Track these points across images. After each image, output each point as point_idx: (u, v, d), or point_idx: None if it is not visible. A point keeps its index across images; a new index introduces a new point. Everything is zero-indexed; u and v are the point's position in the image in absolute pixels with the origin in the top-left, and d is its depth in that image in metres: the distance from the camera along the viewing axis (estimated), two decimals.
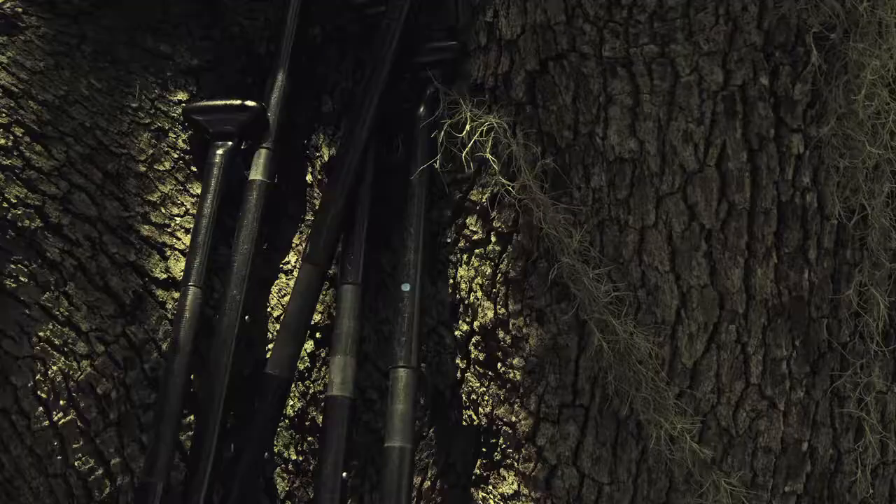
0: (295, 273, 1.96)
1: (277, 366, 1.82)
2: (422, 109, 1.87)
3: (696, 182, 1.66)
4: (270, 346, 1.92)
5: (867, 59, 1.60)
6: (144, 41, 2.03)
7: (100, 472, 1.87)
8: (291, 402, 1.93)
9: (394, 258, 1.90)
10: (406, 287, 1.79)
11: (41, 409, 1.85)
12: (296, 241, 2.01)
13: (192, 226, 1.95)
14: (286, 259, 2.00)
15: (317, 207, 1.98)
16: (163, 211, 1.94)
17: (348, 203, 1.87)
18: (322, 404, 1.89)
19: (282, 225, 2.03)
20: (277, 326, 1.93)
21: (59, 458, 1.87)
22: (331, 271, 1.91)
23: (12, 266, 1.81)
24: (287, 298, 1.93)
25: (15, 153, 1.82)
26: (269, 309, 1.97)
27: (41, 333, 1.83)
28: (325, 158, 2.02)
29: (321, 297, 1.92)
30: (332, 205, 1.85)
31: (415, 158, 1.85)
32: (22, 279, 1.82)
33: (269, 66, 2.06)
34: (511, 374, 1.80)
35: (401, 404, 1.73)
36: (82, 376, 1.85)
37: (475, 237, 1.83)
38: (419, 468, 1.88)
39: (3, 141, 1.81)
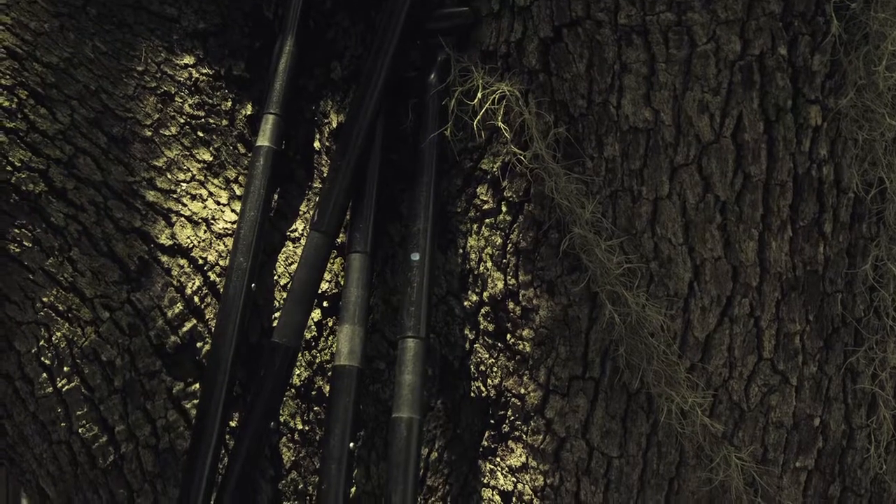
0: (302, 241, 1.94)
1: (284, 334, 1.80)
2: (433, 76, 1.84)
3: (711, 153, 1.64)
4: (277, 314, 1.90)
5: (888, 30, 1.57)
6: (150, 4, 2.00)
7: (104, 439, 1.86)
8: (298, 372, 1.91)
9: (403, 227, 1.88)
10: (415, 256, 1.77)
11: (45, 375, 1.84)
12: (303, 208, 1.99)
13: (198, 192, 1.93)
14: (294, 227, 1.98)
15: (325, 175, 1.95)
16: (168, 176, 1.91)
17: (357, 171, 1.84)
18: (329, 374, 1.88)
19: (289, 192, 2.01)
20: (284, 294, 1.91)
21: (62, 425, 1.85)
22: (339, 240, 1.89)
23: (16, 230, 1.80)
24: (294, 266, 1.92)
25: (19, 116, 1.80)
26: (276, 277, 1.95)
27: (45, 299, 1.82)
28: (334, 125, 2.00)
29: (329, 265, 1.90)
30: (341, 172, 1.83)
31: (425, 126, 1.83)
32: (26, 244, 1.80)
33: (276, 31, 2.04)
34: (520, 346, 1.78)
35: (409, 375, 1.71)
36: (87, 343, 1.83)
37: (486, 207, 1.81)
38: (427, 439, 1.86)
39: (6, 103, 1.79)
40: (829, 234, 1.68)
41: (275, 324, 1.87)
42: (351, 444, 1.73)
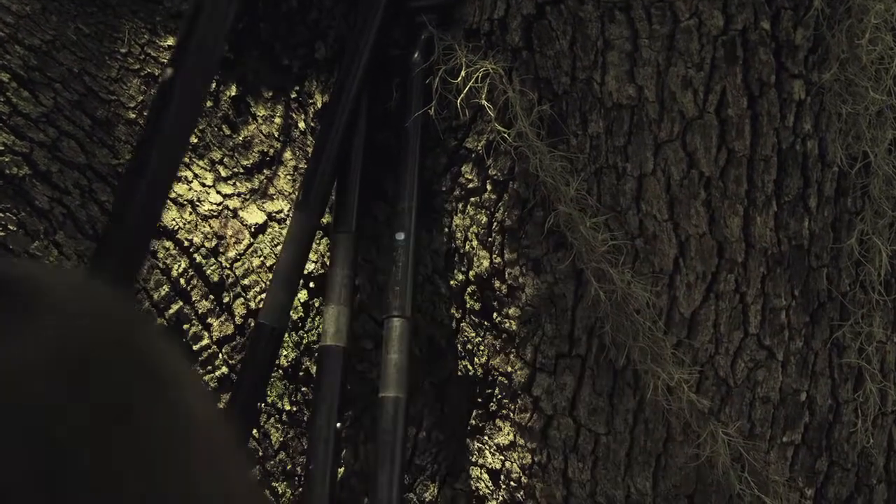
0: (288, 222, 1.94)
1: (270, 315, 1.79)
2: (416, 55, 1.84)
3: (695, 129, 1.63)
4: (263, 295, 1.90)
5: (871, 3, 1.57)
6: None
7: None
8: (285, 353, 1.91)
9: (388, 207, 1.88)
10: (400, 236, 1.77)
11: None
12: (289, 189, 1.98)
13: (183, 174, 1.92)
14: (279, 207, 1.97)
15: (309, 155, 1.95)
16: None
17: (341, 151, 1.84)
18: (316, 354, 1.88)
19: (275, 173, 2.00)
20: (270, 275, 1.91)
21: None
22: (325, 220, 1.89)
23: (0, 214, 1.79)
24: (280, 247, 1.91)
25: (1, 99, 1.79)
26: (262, 258, 1.94)
27: None
28: (319, 105, 1.99)
29: (315, 245, 1.90)
30: (325, 152, 1.82)
31: (409, 105, 1.83)
32: (10, 227, 1.79)
33: (261, 12, 2.03)
34: (507, 324, 1.78)
35: (395, 354, 1.71)
36: None
37: (470, 185, 1.81)
38: (414, 419, 1.86)
39: None
40: (813, 208, 1.68)
41: (261, 305, 1.86)
42: (338, 425, 1.73)
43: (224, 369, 1.89)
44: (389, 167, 1.87)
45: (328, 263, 1.85)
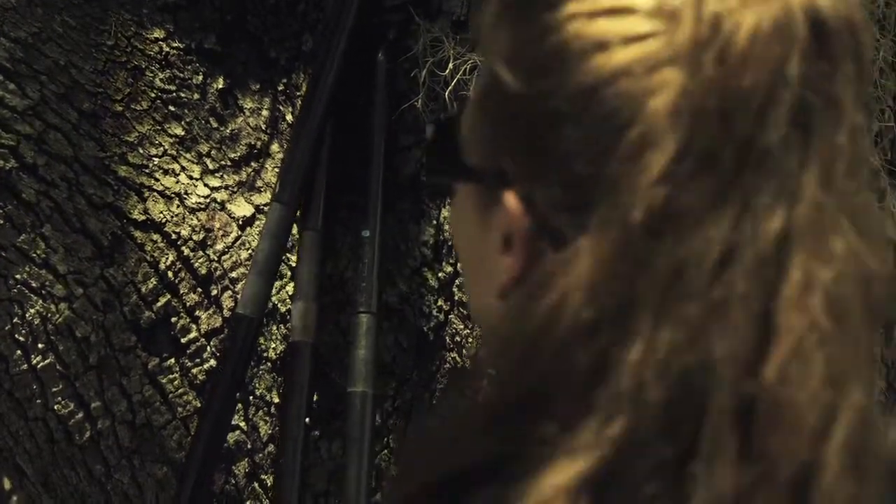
0: None
1: (247, 306, 1.79)
2: (380, 56, 1.82)
3: None
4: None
5: None
6: None
7: (80, 415, 1.86)
8: (273, 345, 1.90)
9: (355, 203, 1.86)
10: (366, 233, 1.76)
11: (19, 352, 1.84)
12: (275, 181, 1.98)
13: (170, 166, 1.92)
14: (267, 200, 1.96)
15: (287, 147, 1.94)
16: (141, 151, 1.91)
17: (318, 142, 1.83)
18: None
19: (262, 165, 2.00)
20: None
21: (38, 401, 1.86)
22: None
23: None
24: None
25: None
26: (249, 251, 1.94)
27: (18, 276, 1.82)
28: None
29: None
30: (301, 143, 1.82)
31: (374, 104, 1.81)
32: None
33: (248, 5, 2.02)
34: None
35: (362, 350, 1.71)
36: (61, 319, 1.84)
37: None
38: (402, 412, 1.85)
39: None
40: None
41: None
42: (307, 420, 1.73)
43: (212, 362, 1.88)
44: (358, 163, 1.85)
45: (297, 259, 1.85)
